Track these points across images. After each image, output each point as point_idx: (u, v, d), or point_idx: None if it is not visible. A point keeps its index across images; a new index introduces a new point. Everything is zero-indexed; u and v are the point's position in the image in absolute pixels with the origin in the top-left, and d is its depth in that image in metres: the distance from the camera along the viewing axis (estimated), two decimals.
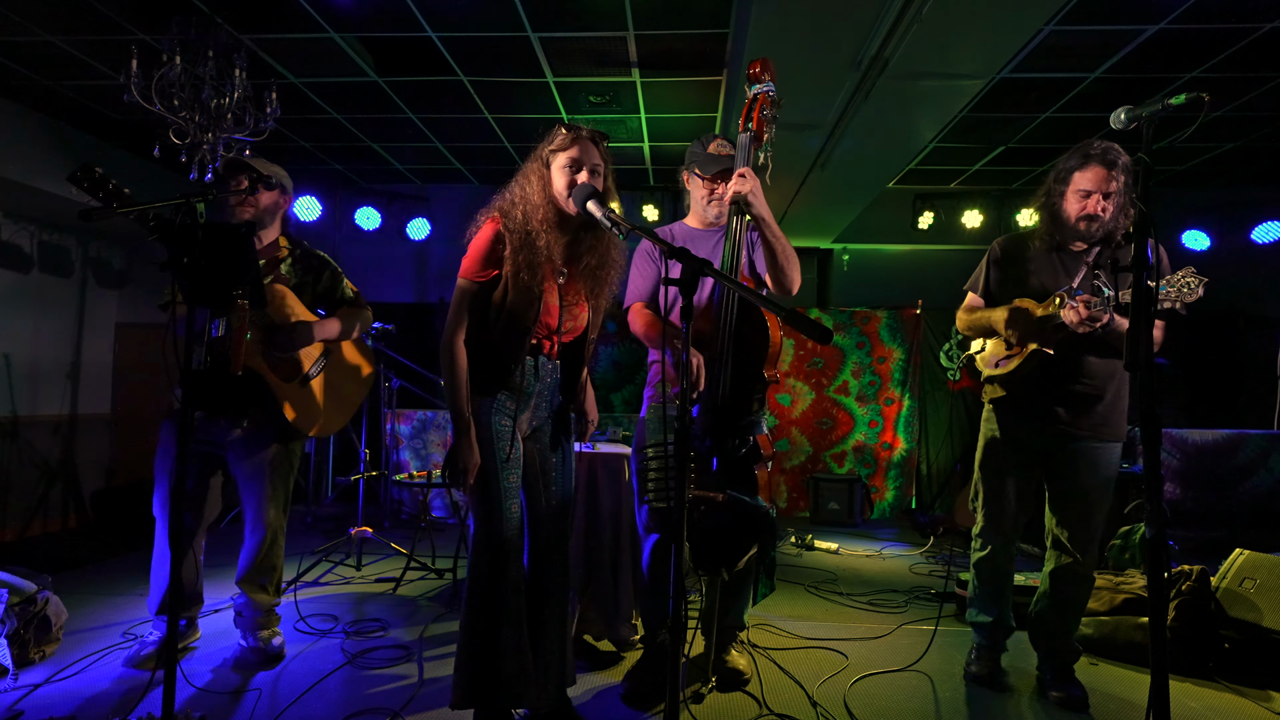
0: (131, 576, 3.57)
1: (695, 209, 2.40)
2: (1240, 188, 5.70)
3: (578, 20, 3.45)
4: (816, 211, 5.35)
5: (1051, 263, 2.24)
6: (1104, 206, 2.12)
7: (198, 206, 1.66)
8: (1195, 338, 5.69)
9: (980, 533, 2.44)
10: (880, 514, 5.86)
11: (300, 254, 2.56)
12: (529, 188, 1.88)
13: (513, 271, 1.83)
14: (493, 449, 1.87)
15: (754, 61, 2.16)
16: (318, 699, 2.23)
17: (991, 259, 2.38)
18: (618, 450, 2.78)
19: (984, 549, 2.42)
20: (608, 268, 1.99)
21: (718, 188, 2.30)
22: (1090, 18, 3.31)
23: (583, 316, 2.02)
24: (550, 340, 1.97)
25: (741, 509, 2.06)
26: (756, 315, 2.09)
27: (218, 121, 3.32)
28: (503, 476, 1.88)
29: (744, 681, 2.36)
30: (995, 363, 2.33)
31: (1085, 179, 2.14)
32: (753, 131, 2.10)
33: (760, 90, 2.13)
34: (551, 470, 2.04)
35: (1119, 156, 2.13)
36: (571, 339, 2.03)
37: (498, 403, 1.90)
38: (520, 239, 1.83)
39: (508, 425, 1.91)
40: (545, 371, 1.97)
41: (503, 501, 1.87)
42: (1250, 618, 2.61)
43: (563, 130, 1.90)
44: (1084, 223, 2.15)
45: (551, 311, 1.92)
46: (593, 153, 1.88)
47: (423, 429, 5.43)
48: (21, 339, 4.80)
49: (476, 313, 1.88)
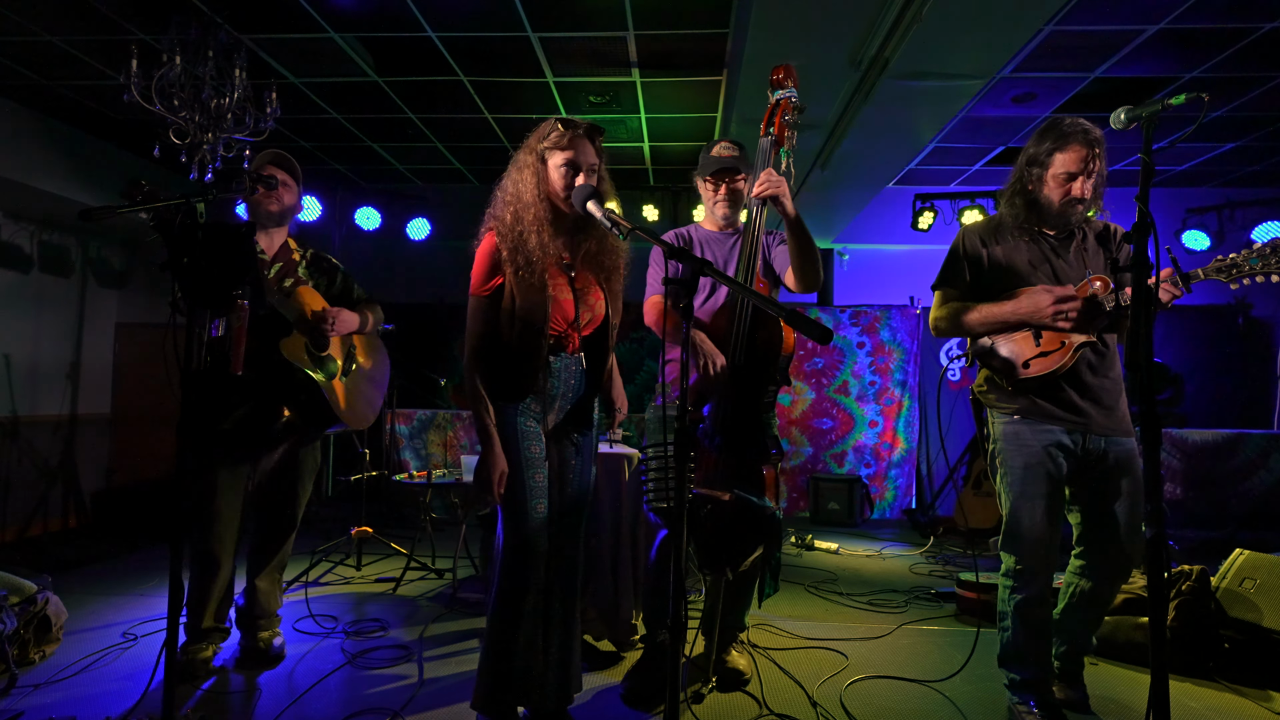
0: (132, 576, 3.58)
1: (707, 210, 2.44)
2: (1240, 188, 5.70)
3: (578, 20, 3.45)
4: (816, 211, 5.36)
5: (1040, 250, 2.09)
6: (1087, 188, 1.98)
7: (198, 206, 1.66)
8: (1196, 338, 5.69)
9: (1018, 572, 2.05)
10: (880, 514, 5.86)
11: (312, 256, 2.60)
12: (521, 185, 1.87)
13: (513, 274, 1.83)
14: (518, 449, 1.87)
15: (778, 67, 2.16)
16: (318, 699, 2.23)
17: (967, 252, 2.14)
18: (618, 450, 2.78)
19: (1025, 590, 2.03)
20: (611, 252, 1.99)
21: (720, 188, 2.34)
22: (1090, 18, 3.31)
23: (599, 304, 2.00)
24: (570, 335, 1.94)
25: (748, 509, 2.06)
26: (772, 318, 2.09)
27: (218, 121, 3.32)
28: (528, 475, 1.88)
29: (744, 682, 2.36)
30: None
31: (1068, 160, 1.97)
32: (774, 136, 2.11)
33: (783, 96, 2.12)
34: (569, 470, 2.03)
35: (1094, 131, 1.97)
36: (592, 330, 2.00)
37: (523, 405, 1.90)
38: (513, 241, 1.83)
39: (534, 426, 1.91)
40: (569, 370, 1.96)
41: (529, 500, 1.87)
42: (1250, 618, 2.61)
43: (559, 126, 1.88)
44: (1069, 207, 2.01)
45: (566, 306, 1.91)
46: (589, 152, 1.88)
47: (423, 429, 5.43)
48: (21, 339, 4.80)
49: (492, 324, 1.88)
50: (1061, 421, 2.02)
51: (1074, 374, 2.00)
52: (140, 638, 2.70)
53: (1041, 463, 2.01)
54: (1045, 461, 2.01)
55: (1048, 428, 2.02)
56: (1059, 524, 2.05)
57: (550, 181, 1.88)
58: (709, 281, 2.26)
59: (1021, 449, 2.04)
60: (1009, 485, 2.07)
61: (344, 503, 5.42)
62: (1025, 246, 2.10)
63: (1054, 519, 2.03)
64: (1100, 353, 2.03)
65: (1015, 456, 2.05)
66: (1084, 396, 2.01)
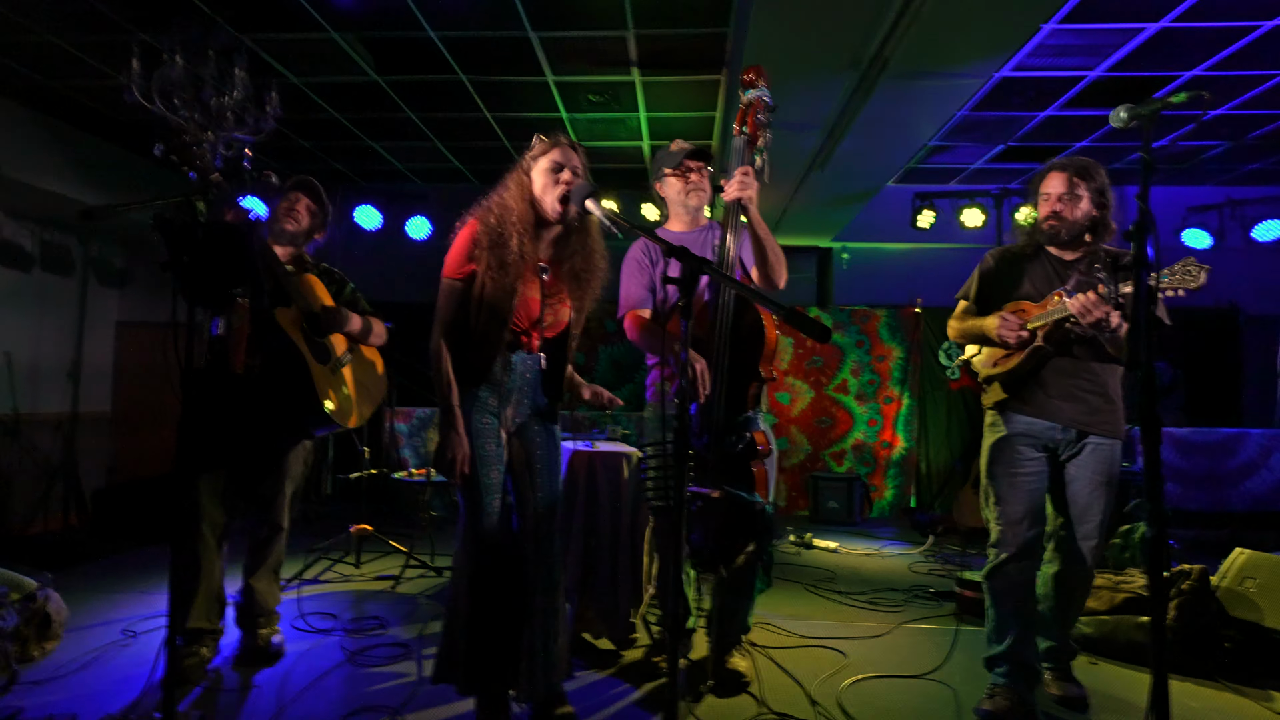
0: (132, 574, 3.58)
1: (675, 210, 2.43)
2: (1240, 187, 5.70)
3: (577, 20, 3.45)
4: (816, 210, 5.36)
5: (1043, 268, 2.29)
6: (1062, 207, 2.20)
7: (198, 206, 1.67)
8: (1195, 338, 5.68)
9: (994, 542, 2.26)
10: (879, 513, 5.86)
11: (324, 268, 2.65)
12: (506, 194, 1.97)
13: (485, 267, 1.90)
14: (473, 445, 1.93)
15: (748, 68, 2.20)
16: (317, 697, 2.23)
17: (982, 268, 2.42)
18: (618, 449, 2.78)
19: (996, 558, 2.23)
20: (592, 272, 2.07)
21: (691, 175, 2.35)
22: (1090, 17, 3.31)
23: (565, 312, 2.07)
24: (530, 335, 2.00)
25: (738, 506, 2.06)
26: (752, 313, 2.10)
27: (218, 121, 3.32)
28: (483, 473, 1.93)
29: (744, 684, 2.35)
30: (994, 362, 2.34)
31: (1048, 184, 2.25)
32: (747, 135, 2.14)
33: (754, 95, 2.15)
34: (537, 465, 2.06)
35: (1078, 164, 2.21)
36: (554, 334, 2.07)
37: (480, 399, 1.95)
38: (493, 237, 1.90)
39: (490, 423, 1.96)
40: (525, 366, 2.01)
41: (484, 497, 1.93)
42: (1251, 617, 2.61)
43: (540, 139, 2.00)
44: (1048, 222, 2.24)
45: (531, 306, 1.97)
46: (572, 156, 1.98)
47: (422, 427, 5.44)
48: (22, 338, 4.81)
49: (460, 309, 1.94)
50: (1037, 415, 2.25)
51: (1045, 374, 2.22)
52: (140, 635, 2.70)
53: (1016, 442, 2.27)
54: (1019, 442, 2.27)
55: (1026, 418, 2.26)
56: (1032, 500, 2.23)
57: (535, 186, 1.96)
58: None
59: (996, 431, 2.32)
60: (985, 464, 2.35)
61: (343, 501, 5.43)
62: (1033, 264, 2.30)
63: (1025, 493, 2.23)
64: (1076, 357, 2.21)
65: (992, 438, 2.33)
66: (1058, 393, 2.21)
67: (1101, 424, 2.19)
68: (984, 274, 2.39)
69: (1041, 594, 2.34)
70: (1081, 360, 2.21)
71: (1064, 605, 2.31)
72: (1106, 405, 2.20)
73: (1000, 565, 2.23)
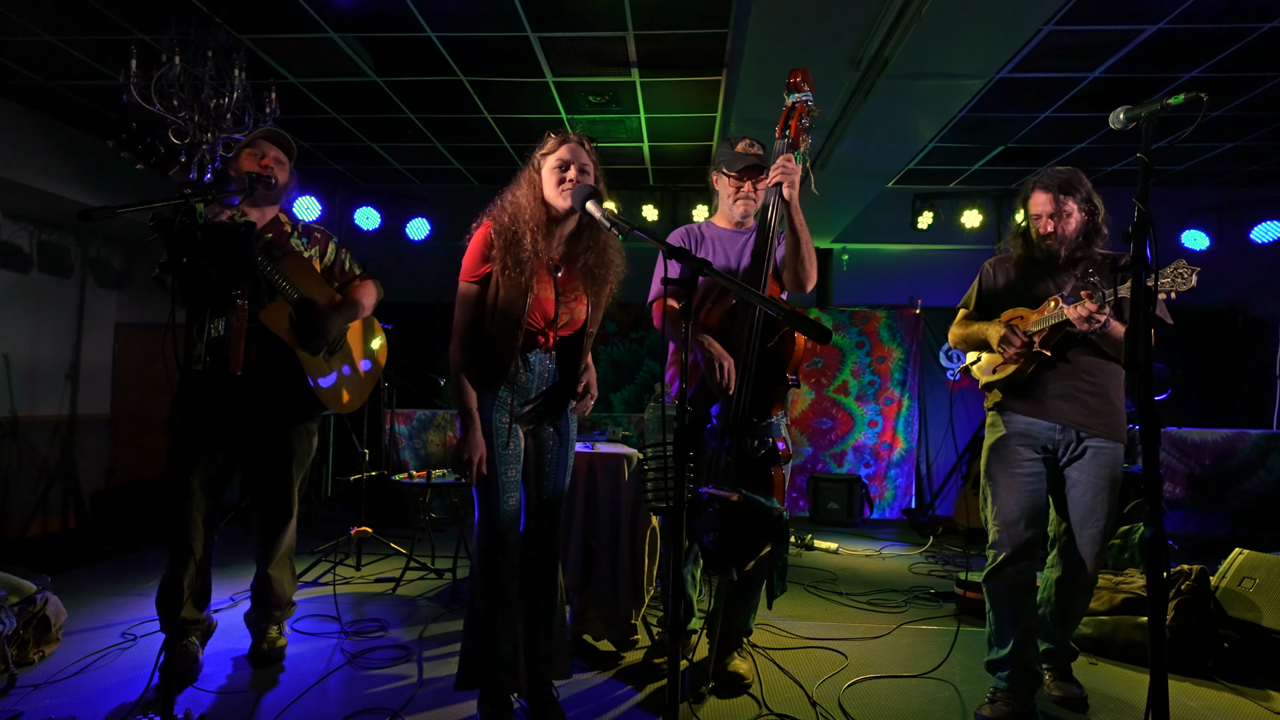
0: (131, 576, 3.57)
1: (723, 209, 2.42)
2: (1240, 188, 5.70)
3: (577, 20, 3.45)
4: (816, 211, 5.35)
5: (1040, 274, 2.30)
6: (1053, 225, 2.21)
7: (197, 207, 1.66)
8: (1195, 338, 5.69)
9: (992, 543, 2.27)
10: (880, 514, 5.86)
11: (303, 228, 2.53)
12: (519, 192, 1.97)
13: (500, 267, 1.90)
14: (492, 444, 1.94)
15: (794, 70, 2.18)
16: (317, 699, 2.23)
17: (982, 276, 2.45)
18: (618, 450, 2.78)
19: (995, 560, 2.23)
20: (606, 267, 2.05)
21: (744, 185, 2.33)
22: (1090, 18, 3.31)
23: (580, 310, 2.06)
24: (546, 334, 2.00)
25: (756, 510, 2.06)
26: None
27: (217, 121, 3.32)
28: (501, 471, 1.94)
29: (745, 686, 2.35)
30: (994, 369, 2.35)
31: (1034, 204, 2.25)
32: (789, 139, 2.12)
33: (799, 99, 2.13)
34: (547, 466, 2.08)
35: (1060, 178, 2.21)
36: (570, 333, 2.06)
37: (498, 399, 1.96)
38: (507, 237, 1.91)
39: (507, 422, 1.98)
40: (542, 366, 2.02)
41: (500, 495, 1.94)
42: (1250, 617, 2.61)
43: (551, 135, 2.00)
44: (1044, 241, 2.25)
45: (546, 305, 1.97)
46: (581, 153, 1.96)
47: (422, 428, 5.43)
48: (21, 339, 4.80)
49: (477, 312, 1.95)
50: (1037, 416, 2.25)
51: (1044, 377, 2.24)
52: (139, 638, 2.70)
53: (1016, 443, 2.28)
54: (1018, 443, 2.27)
55: (1026, 419, 2.27)
56: (1032, 501, 2.23)
57: (545, 184, 1.95)
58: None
59: (996, 433, 2.34)
60: (985, 464, 2.36)
61: (343, 503, 5.42)
62: (1029, 271, 2.32)
63: (1024, 495, 2.23)
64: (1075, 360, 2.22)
65: (992, 439, 2.35)
66: (1057, 396, 2.22)
67: (1101, 426, 2.19)
68: (983, 283, 2.44)
69: (1043, 599, 2.34)
70: (1080, 361, 2.22)
71: (1065, 610, 2.31)
72: (1106, 407, 2.20)
73: (999, 567, 2.24)
